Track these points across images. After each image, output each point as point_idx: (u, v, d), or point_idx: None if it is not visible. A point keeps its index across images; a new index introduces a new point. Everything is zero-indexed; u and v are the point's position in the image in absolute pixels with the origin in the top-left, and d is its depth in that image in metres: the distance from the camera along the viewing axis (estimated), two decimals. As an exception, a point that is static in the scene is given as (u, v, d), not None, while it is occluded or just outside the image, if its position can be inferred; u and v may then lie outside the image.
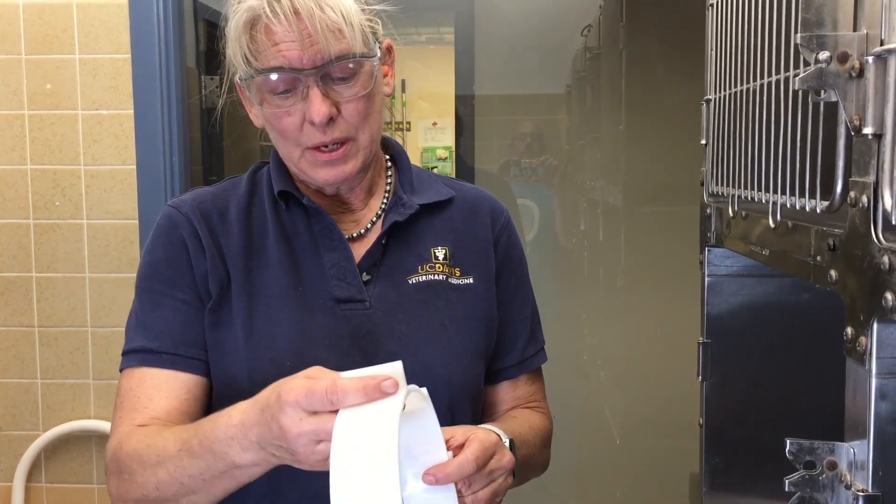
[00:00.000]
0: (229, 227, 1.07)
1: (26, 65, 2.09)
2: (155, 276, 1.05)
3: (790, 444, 0.68)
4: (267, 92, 0.99)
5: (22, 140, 2.11)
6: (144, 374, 1.02)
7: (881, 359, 0.61)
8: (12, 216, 2.13)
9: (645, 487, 2.75)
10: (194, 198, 1.09)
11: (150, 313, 1.04)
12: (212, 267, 1.04)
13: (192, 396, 1.03)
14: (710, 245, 1.08)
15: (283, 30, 0.95)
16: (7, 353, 2.16)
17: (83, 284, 2.13)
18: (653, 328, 2.78)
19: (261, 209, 1.09)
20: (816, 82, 0.65)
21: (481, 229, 1.14)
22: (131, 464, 0.95)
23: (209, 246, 1.05)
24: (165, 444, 0.92)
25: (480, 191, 1.20)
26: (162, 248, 1.06)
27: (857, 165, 0.64)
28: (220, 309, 1.03)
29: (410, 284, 1.08)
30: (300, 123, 0.99)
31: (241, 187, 1.11)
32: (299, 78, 0.97)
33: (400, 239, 1.09)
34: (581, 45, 3.09)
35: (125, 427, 1.00)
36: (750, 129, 0.89)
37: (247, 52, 0.98)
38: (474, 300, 1.10)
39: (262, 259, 1.06)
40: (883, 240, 0.60)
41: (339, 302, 1.04)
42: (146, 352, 1.02)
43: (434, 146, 6.14)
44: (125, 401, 1.02)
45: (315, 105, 0.97)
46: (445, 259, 1.10)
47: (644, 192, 2.81)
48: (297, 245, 1.07)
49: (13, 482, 2.17)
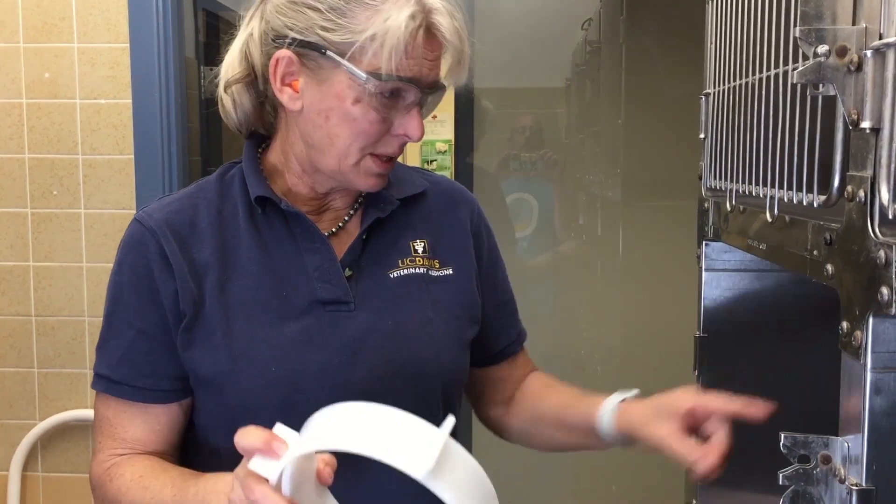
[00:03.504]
0: (201, 236, 1.03)
1: (24, 53, 2.08)
2: (118, 300, 1.04)
3: (784, 437, 0.68)
4: (377, 93, 0.96)
5: (20, 129, 2.10)
6: (115, 406, 1.04)
7: (876, 353, 0.61)
8: (10, 205, 2.13)
9: (641, 481, 2.75)
10: (162, 208, 1.05)
11: (111, 339, 1.04)
12: (182, 285, 1.01)
13: (166, 425, 1.04)
14: (708, 239, 1.08)
15: (436, 45, 0.97)
16: (4, 342, 2.16)
17: (80, 274, 2.13)
18: (650, 322, 2.78)
19: (233, 215, 1.05)
20: (815, 76, 0.64)
21: (459, 220, 1.15)
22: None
23: (178, 262, 1.01)
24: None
25: (451, 181, 1.20)
26: (127, 271, 1.03)
27: (854, 160, 0.64)
28: (194, 327, 1.01)
29: (392, 279, 1.07)
30: (385, 131, 0.99)
31: (210, 192, 1.07)
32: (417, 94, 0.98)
33: (379, 232, 1.08)
34: (581, 38, 3.09)
35: (106, 455, 1.04)
36: (748, 123, 0.89)
37: (402, 53, 0.94)
38: (455, 291, 1.10)
39: (238, 267, 1.03)
40: (879, 234, 0.60)
41: (324, 304, 1.03)
42: (108, 380, 1.03)
43: (433, 139, 6.13)
44: (104, 428, 1.05)
45: (418, 122, 0.98)
46: (424, 252, 1.10)
47: (642, 186, 2.81)
48: (275, 249, 1.04)
49: (9, 471, 2.17)
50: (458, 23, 0.97)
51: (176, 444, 1.06)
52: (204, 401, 1.04)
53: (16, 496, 2.17)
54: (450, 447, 0.72)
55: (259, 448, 0.78)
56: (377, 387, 1.01)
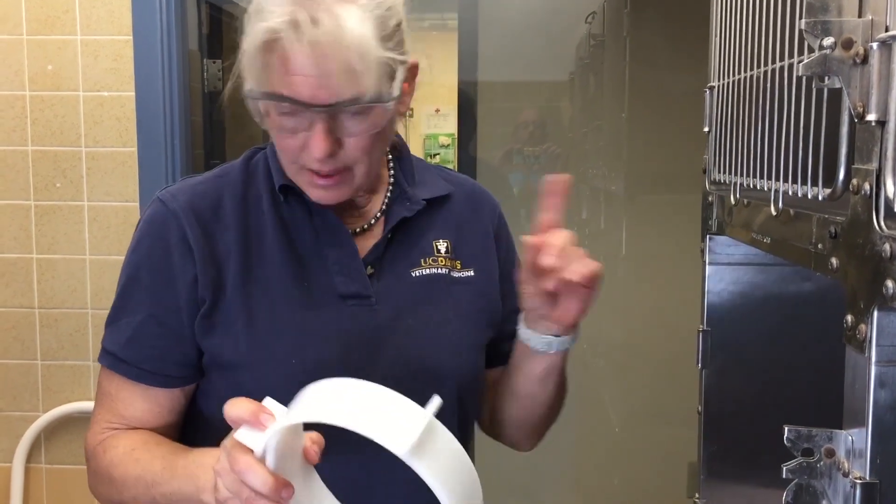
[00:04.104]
0: (225, 221, 1.03)
1: (28, 45, 2.08)
2: (134, 278, 1.04)
3: (788, 431, 0.68)
4: (273, 110, 0.94)
5: (23, 121, 2.10)
6: (118, 382, 1.04)
7: (881, 347, 0.61)
8: (13, 197, 2.13)
9: (643, 475, 2.75)
10: (186, 190, 1.04)
11: (122, 318, 1.04)
12: (202, 271, 1.00)
13: (165, 407, 1.05)
14: (712, 233, 1.07)
15: (301, 62, 0.88)
16: (7, 334, 2.16)
17: (83, 266, 2.13)
18: (653, 316, 2.78)
19: (258, 200, 1.05)
20: (820, 69, 0.64)
21: (482, 223, 1.15)
22: (115, 482, 1.02)
23: (200, 248, 1.00)
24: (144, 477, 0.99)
25: (474, 183, 1.20)
26: (147, 250, 1.03)
27: (859, 153, 0.63)
28: (213, 313, 1.01)
29: (414, 277, 1.07)
30: (301, 146, 0.95)
31: (235, 176, 1.07)
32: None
33: (403, 232, 1.08)
34: (585, 32, 3.08)
35: (101, 427, 1.05)
36: (753, 116, 0.89)
37: (259, 72, 0.92)
38: (475, 293, 1.10)
39: (262, 254, 1.02)
40: (885, 227, 0.60)
41: (344, 298, 1.03)
42: (114, 357, 1.04)
43: (436, 133, 6.13)
44: (104, 401, 1.06)
45: (316, 141, 0.92)
46: (447, 252, 1.10)
47: (646, 179, 2.81)
48: (298, 238, 1.04)
49: (13, 463, 2.17)
50: (328, 34, 0.88)
51: (174, 424, 1.07)
52: (219, 387, 1.03)
53: (19, 488, 2.18)
54: (434, 427, 0.73)
55: (246, 419, 0.79)
56: (393, 384, 1.00)
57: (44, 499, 2.21)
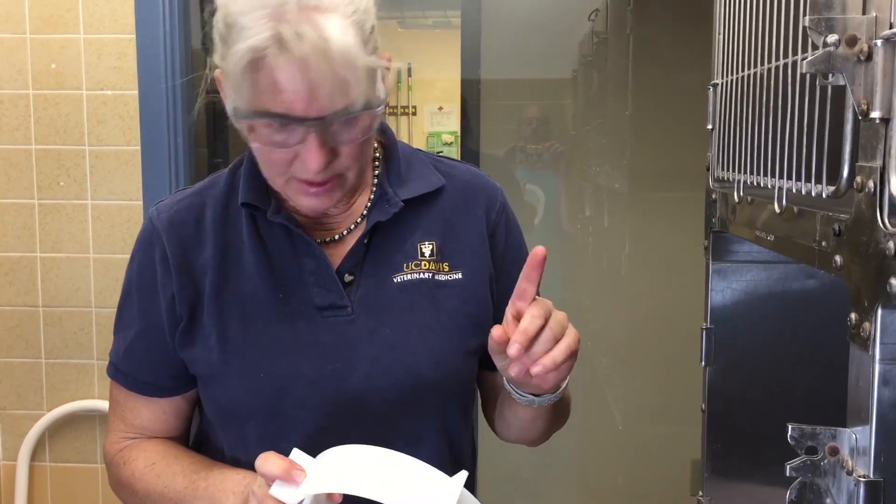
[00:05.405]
0: (203, 235, 1.03)
1: (31, 44, 2.08)
2: (128, 294, 1.08)
3: (792, 429, 0.68)
4: (262, 125, 0.91)
5: (26, 120, 2.10)
6: (125, 393, 1.09)
7: (885, 344, 0.61)
8: (17, 196, 2.13)
9: (647, 473, 2.76)
10: (172, 206, 1.06)
11: (120, 329, 1.09)
12: (179, 288, 1.02)
13: (171, 414, 1.08)
14: (716, 230, 1.07)
15: (290, 78, 0.86)
16: (11, 332, 2.17)
17: (87, 265, 2.13)
18: (656, 314, 2.78)
19: (237, 213, 1.04)
20: (824, 66, 0.64)
21: (474, 221, 1.09)
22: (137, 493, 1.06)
23: (178, 265, 1.02)
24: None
25: (475, 172, 1.14)
26: (137, 266, 1.07)
27: (863, 150, 0.63)
28: (192, 328, 1.02)
29: (395, 283, 1.04)
30: (291, 158, 0.93)
31: (220, 188, 1.06)
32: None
33: (384, 235, 1.05)
34: (588, 29, 3.08)
35: (117, 437, 1.09)
36: (756, 113, 0.89)
37: (247, 91, 0.88)
38: (463, 297, 1.06)
39: (238, 267, 1.02)
40: (889, 225, 0.60)
41: (320, 309, 1.01)
42: (116, 368, 1.08)
43: (440, 131, 6.13)
44: (115, 409, 1.10)
45: (312, 154, 0.90)
46: (432, 255, 1.06)
47: (649, 177, 2.80)
48: (274, 251, 1.03)
49: (17, 461, 2.18)
50: (314, 48, 0.85)
51: (184, 428, 1.10)
52: (202, 398, 1.07)
53: (24, 486, 2.18)
54: (464, 499, 0.80)
55: (278, 475, 0.84)
56: (369, 396, 1.00)
57: (48, 497, 2.22)
